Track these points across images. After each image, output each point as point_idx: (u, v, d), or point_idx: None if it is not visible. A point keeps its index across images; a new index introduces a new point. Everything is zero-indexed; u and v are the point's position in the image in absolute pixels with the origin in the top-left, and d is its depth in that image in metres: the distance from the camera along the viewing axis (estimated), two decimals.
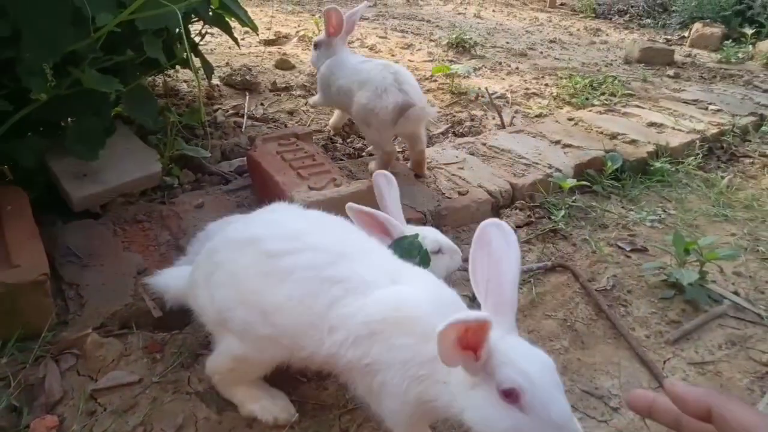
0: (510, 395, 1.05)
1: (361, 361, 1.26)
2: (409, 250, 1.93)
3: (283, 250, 1.35)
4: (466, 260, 2.32)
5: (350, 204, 1.87)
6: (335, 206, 2.18)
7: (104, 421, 1.52)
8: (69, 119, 2.41)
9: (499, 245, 1.18)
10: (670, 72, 5.13)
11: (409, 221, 2.28)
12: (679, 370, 1.82)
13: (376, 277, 1.31)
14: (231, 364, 1.51)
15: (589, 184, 2.91)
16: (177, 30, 2.64)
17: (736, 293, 2.20)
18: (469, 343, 1.05)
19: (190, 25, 3.01)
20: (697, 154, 3.38)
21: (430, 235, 1.97)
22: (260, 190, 2.52)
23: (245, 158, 2.75)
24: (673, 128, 3.63)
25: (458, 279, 2.19)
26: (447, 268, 1.93)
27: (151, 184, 2.55)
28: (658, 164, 3.16)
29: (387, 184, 2.02)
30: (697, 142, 3.49)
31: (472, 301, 2.07)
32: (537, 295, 2.15)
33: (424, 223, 2.51)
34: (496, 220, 1.21)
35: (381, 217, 1.91)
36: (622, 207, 2.87)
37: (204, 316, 1.56)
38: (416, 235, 1.96)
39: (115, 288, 1.95)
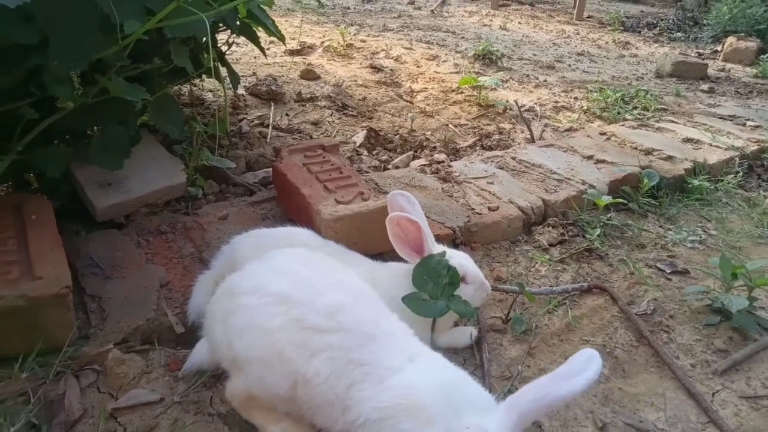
0: None
1: None
2: (437, 269, 1.85)
3: (319, 327, 1.39)
4: (497, 281, 2.25)
5: (396, 213, 1.80)
6: (362, 221, 2.13)
7: None
8: (95, 128, 2.39)
9: (574, 368, 1.23)
10: (704, 86, 4.99)
11: (437, 238, 2.21)
12: (729, 403, 1.70)
13: (396, 361, 1.37)
14: (247, 395, 1.48)
15: (625, 201, 2.80)
16: (204, 39, 2.62)
17: None
18: None
19: (217, 34, 2.99)
20: (737, 171, 3.25)
21: (456, 260, 1.87)
22: (286, 203, 2.46)
23: (270, 169, 2.70)
24: (710, 144, 3.50)
25: (489, 301, 2.10)
26: (470, 298, 1.83)
27: (176, 195, 2.52)
28: (696, 182, 3.04)
29: (408, 203, 1.95)
30: (737, 159, 3.36)
31: (505, 323, 1.98)
32: (573, 319, 2.05)
33: (454, 240, 2.42)
34: (593, 353, 1.25)
35: (424, 228, 1.83)
36: (660, 226, 2.75)
37: (218, 353, 1.54)
38: (443, 253, 1.88)
39: (137, 301, 1.90)
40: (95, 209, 2.27)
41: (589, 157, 3.20)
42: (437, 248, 1.92)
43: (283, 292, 1.44)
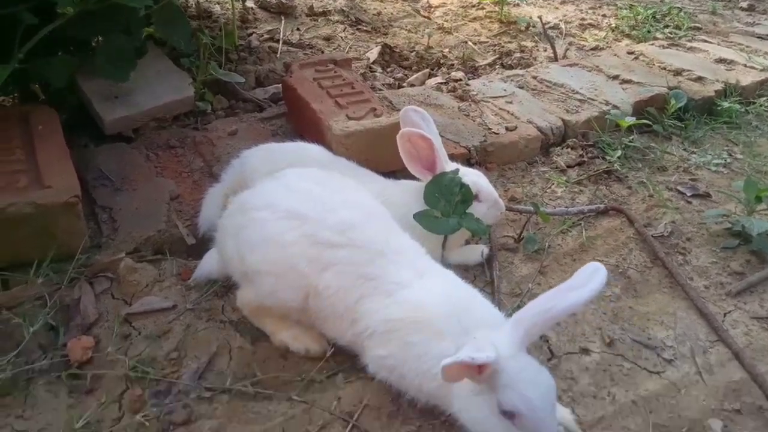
0: (508, 414, 1.15)
1: (378, 352, 1.35)
2: (450, 187, 1.81)
3: (330, 242, 1.39)
4: (511, 201, 2.20)
5: (407, 129, 1.75)
6: (374, 137, 2.07)
7: (138, 345, 1.50)
8: (98, 38, 2.31)
9: (580, 281, 1.22)
10: (743, 4, 4.66)
11: (452, 157, 2.15)
12: (740, 323, 1.69)
13: (405, 277, 1.38)
14: (258, 304, 1.50)
15: (649, 123, 2.68)
16: None
17: None
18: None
19: None
20: None
21: (470, 177, 1.82)
22: (296, 119, 2.40)
23: (280, 85, 2.62)
24: (745, 65, 3.30)
25: (502, 221, 2.06)
26: (483, 216, 1.79)
27: (184, 109, 2.46)
28: (726, 104, 2.89)
29: (422, 120, 1.87)
30: None
31: (517, 242, 1.95)
32: (587, 239, 2.01)
33: (469, 160, 2.36)
34: (598, 266, 1.25)
35: (437, 145, 1.78)
36: (684, 149, 2.65)
37: (230, 267, 1.55)
38: (456, 171, 1.83)
39: (148, 213, 1.90)
40: (103, 122, 2.24)
41: (615, 77, 3.05)
42: (450, 166, 1.87)
43: (295, 209, 1.43)
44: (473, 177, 1.84)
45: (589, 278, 1.21)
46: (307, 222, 1.41)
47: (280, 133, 2.41)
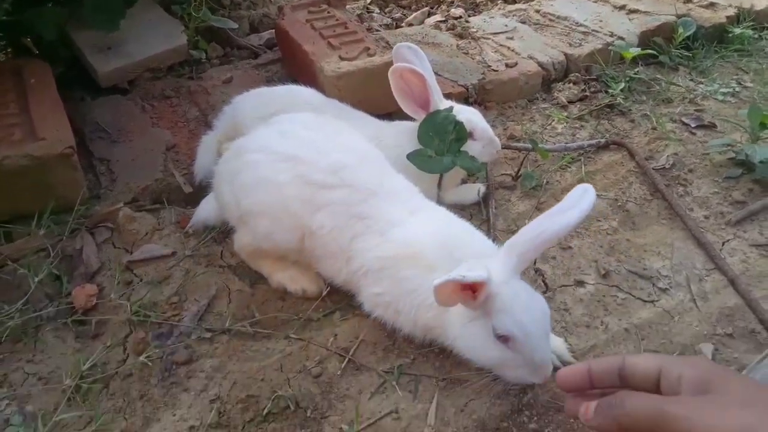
0: (503, 338, 1.17)
1: (373, 290, 1.37)
2: (443, 125, 1.78)
3: (323, 183, 1.40)
4: (510, 139, 2.17)
5: (399, 64, 1.71)
6: (368, 77, 2.03)
7: (140, 291, 1.55)
8: None
9: (569, 203, 1.21)
10: None
11: (449, 96, 2.11)
12: (738, 251, 1.68)
13: (397, 215, 1.39)
14: (254, 247, 1.53)
15: (655, 54, 2.58)
16: None
17: None
18: (472, 287, 1.14)
19: None
20: None
21: (464, 115, 1.79)
22: (290, 63, 2.36)
23: (274, 30, 2.56)
24: None
25: (500, 160, 2.04)
26: (478, 155, 1.76)
27: (178, 59, 2.43)
28: (738, 30, 2.77)
29: (415, 57, 1.83)
30: None
31: (515, 179, 1.94)
32: (587, 174, 1.99)
33: (467, 98, 2.32)
34: (587, 186, 1.22)
35: (430, 81, 1.74)
36: (691, 80, 2.56)
37: (227, 212, 1.56)
38: (450, 108, 1.79)
39: (145, 163, 1.91)
40: (97, 74, 2.23)
41: (621, 7, 2.93)
42: (444, 104, 1.83)
43: (288, 152, 1.44)
44: (467, 114, 1.81)
45: (579, 199, 1.20)
46: (301, 163, 1.42)
47: (275, 79, 2.38)
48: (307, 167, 1.41)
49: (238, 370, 1.35)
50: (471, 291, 1.14)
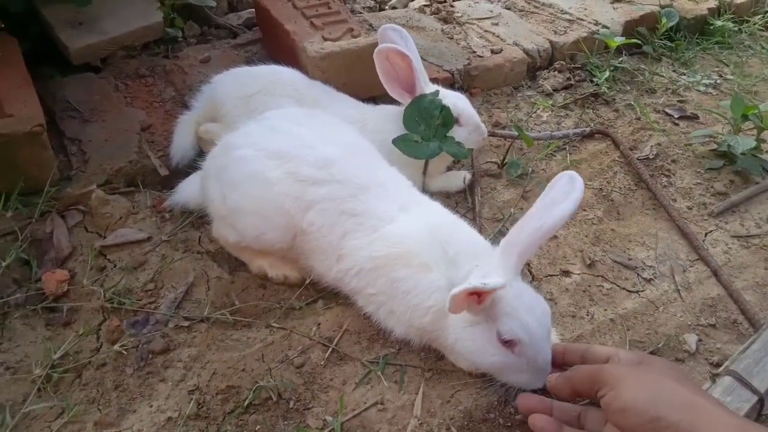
0: (508, 342, 1.15)
1: (366, 290, 1.34)
2: (429, 109, 1.75)
3: (312, 179, 1.36)
4: (495, 126, 2.15)
5: (385, 45, 1.67)
6: (352, 59, 1.98)
7: (114, 277, 1.49)
8: None
9: (558, 193, 1.19)
10: None
11: (434, 81, 2.07)
12: (720, 242, 1.69)
13: (388, 212, 1.35)
14: (244, 246, 1.48)
15: (639, 43, 2.59)
16: None
17: None
18: (477, 291, 1.10)
19: None
20: (766, 11, 2.96)
21: (450, 100, 1.75)
22: (270, 43, 2.29)
23: (254, 9, 2.48)
24: None
25: (485, 147, 2.02)
26: (464, 141, 1.74)
27: (153, 36, 2.33)
28: (719, 23, 2.79)
29: (401, 39, 1.79)
30: None
31: (500, 167, 1.92)
32: (572, 163, 1.98)
33: (452, 84, 2.28)
34: (572, 173, 1.21)
35: (416, 64, 1.70)
36: (674, 70, 2.57)
37: (211, 208, 1.50)
38: (436, 93, 1.76)
39: (118, 144, 1.83)
40: (69, 51, 2.12)
41: None
42: (430, 88, 1.80)
43: (276, 148, 1.40)
44: (454, 99, 1.78)
45: (569, 187, 1.18)
46: (289, 160, 1.37)
47: (255, 60, 2.30)
48: (295, 163, 1.37)
49: (218, 360, 1.30)
50: (477, 296, 1.12)
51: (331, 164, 1.37)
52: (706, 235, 1.71)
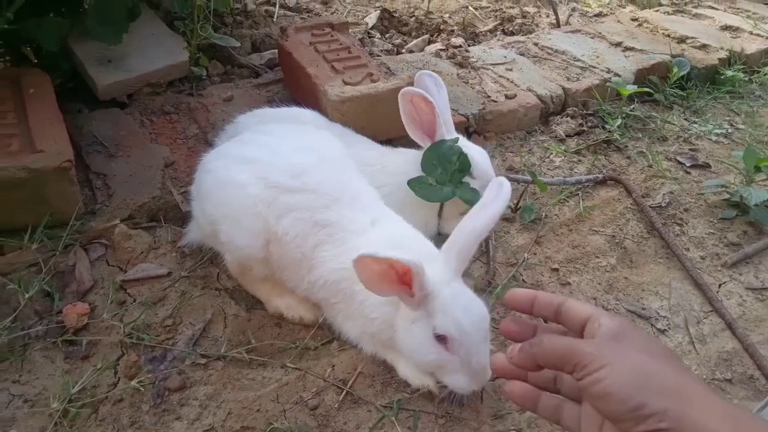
0: (441, 339, 1.21)
1: (330, 300, 1.41)
2: (448, 155, 1.79)
3: (285, 187, 1.40)
4: (509, 170, 2.18)
5: (408, 88, 1.71)
6: (371, 103, 2.03)
7: (134, 312, 1.51)
8: None
9: (489, 198, 1.29)
10: None
11: None
12: (735, 294, 1.70)
13: (360, 224, 1.39)
14: (237, 265, 1.52)
15: (650, 91, 2.64)
16: None
17: None
18: (403, 279, 1.17)
19: None
20: None
21: (470, 152, 1.78)
22: (292, 84, 2.36)
23: (276, 50, 2.56)
24: (751, 33, 3.23)
25: None
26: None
27: (179, 74, 2.41)
28: (729, 72, 2.84)
29: (435, 86, 1.84)
30: None
31: (514, 212, 1.95)
32: (584, 209, 2.00)
33: (467, 128, 2.33)
34: (501, 179, 1.32)
35: (438, 111, 1.74)
36: (685, 119, 2.61)
37: (202, 232, 1.57)
38: (456, 139, 1.80)
39: (142, 180, 1.88)
40: (97, 87, 2.20)
41: (618, 44, 2.99)
42: (452, 135, 1.84)
43: (246, 154, 1.46)
44: (473, 152, 1.80)
45: (497, 191, 1.28)
46: (258, 165, 1.43)
47: (276, 99, 2.37)
48: (265, 168, 1.42)
49: (233, 399, 1.31)
50: (407, 286, 1.18)
51: (303, 173, 1.41)
52: (720, 286, 1.72)
